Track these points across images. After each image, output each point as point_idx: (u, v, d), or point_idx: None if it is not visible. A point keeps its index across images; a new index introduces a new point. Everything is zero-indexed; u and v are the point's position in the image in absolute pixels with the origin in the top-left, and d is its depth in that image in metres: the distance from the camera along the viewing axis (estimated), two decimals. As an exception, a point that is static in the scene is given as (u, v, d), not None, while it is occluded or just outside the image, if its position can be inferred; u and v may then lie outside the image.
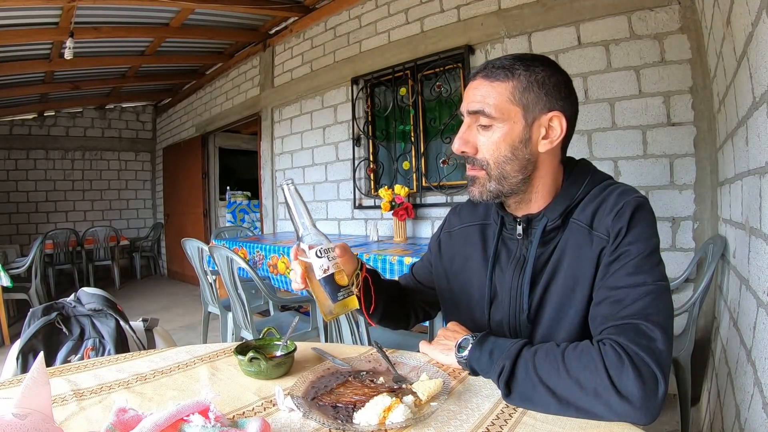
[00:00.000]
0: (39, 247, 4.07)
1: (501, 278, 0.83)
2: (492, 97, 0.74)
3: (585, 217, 0.74)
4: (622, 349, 0.59)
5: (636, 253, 0.67)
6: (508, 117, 0.74)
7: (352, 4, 3.48)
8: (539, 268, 0.78)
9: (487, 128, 0.75)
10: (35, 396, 0.50)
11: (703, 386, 1.86)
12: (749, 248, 1.06)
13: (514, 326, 0.81)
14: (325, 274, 0.71)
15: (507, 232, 0.84)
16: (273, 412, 0.63)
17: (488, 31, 2.63)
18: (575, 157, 0.86)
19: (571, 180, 0.79)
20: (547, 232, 0.78)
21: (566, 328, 0.74)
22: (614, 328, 0.63)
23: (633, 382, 0.56)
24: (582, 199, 0.77)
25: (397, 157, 3.25)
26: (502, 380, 0.64)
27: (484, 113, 0.74)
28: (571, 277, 0.73)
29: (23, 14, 3.18)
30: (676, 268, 2.06)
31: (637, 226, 0.69)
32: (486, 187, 0.77)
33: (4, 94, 4.64)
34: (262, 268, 2.80)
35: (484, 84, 0.75)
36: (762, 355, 0.85)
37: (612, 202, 0.72)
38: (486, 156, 0.76)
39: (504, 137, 0.74)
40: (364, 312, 0.87)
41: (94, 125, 6.46)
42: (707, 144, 1.98)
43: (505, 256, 0.84)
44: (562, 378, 0.60)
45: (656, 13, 2.08)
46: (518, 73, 0.73)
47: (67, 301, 1.24)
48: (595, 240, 0.72)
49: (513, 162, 0.75)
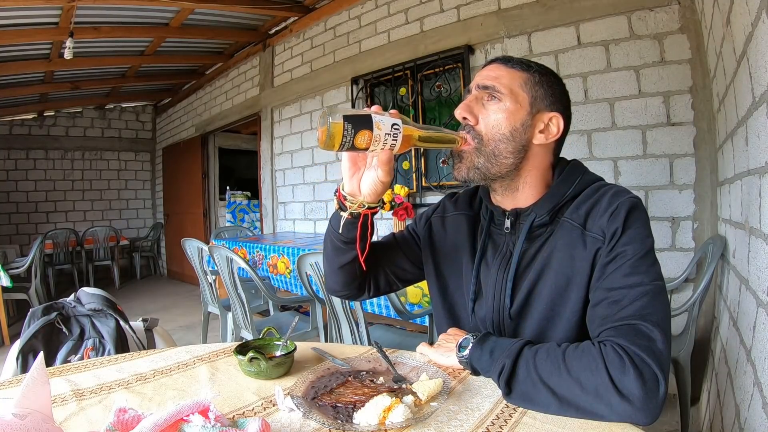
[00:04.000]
0: (39, 247, 4.06)
1: (486, 273, 0.83)
2: (506, 78, 0.77)
3: (578, 217, 0.74)
4: (622, 349, 0.59)
5: (632, 254, 0.67)
6: (516, 100, 0.77)
7: (352, 4, 3.48)
8: (525, 265, 0.78)
9: (494, 103, 0.77)
10: (35, 396, 0.50)
11: (702, 386, 1.86)
12: (749, 248, 1.06)
13: (498, 323, 0.80)
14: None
15: (495, 227, 0.85)
16: (273, 412, 0.63)
17: (488, 31, 2.63)
18: (571, 158, 0.86)
19: (562, 178, 0.80)
20: (535, 228, 0.78)
21: (561, 328, 0.74)
22: (613, 329, 0.63)
23: (634, 383, 0.56)
24: (573, 198, 0.78)
25: (397, 157, 3.25)
26: (503, 379, 0.63)
27: (495, 89, 0.76)
28: (563, 276, 0.73)
29: (23, 14, 3.18)
30: (676, 268, 2.06)
31: (632, 226, 0.69)
32: (474, 162, 0.77)
33: (4, 94, 4.64)
34: (261, 268, 2.80)
35: (501, 68, 0.79)
36: (762, 355, 0.85)
37: (606, 203, 0.72)
38: (483, 129, 0.77)
39: (507, 116, 0.76)
40: (359, 252, 0.81)
41: (94, 125, 6.46)
42: (707, 144, 1.98)
43: (491, 251, 0.84)
44: (563, 377, 0.60)
45: (656, 13, 2.08)
46: (533, 70, 0.79)
47: (67, 301, 1.24)
48: (589, 240, 0.72)
49: (508, 143, 0.76)
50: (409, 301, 1.95)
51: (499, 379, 0.64)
